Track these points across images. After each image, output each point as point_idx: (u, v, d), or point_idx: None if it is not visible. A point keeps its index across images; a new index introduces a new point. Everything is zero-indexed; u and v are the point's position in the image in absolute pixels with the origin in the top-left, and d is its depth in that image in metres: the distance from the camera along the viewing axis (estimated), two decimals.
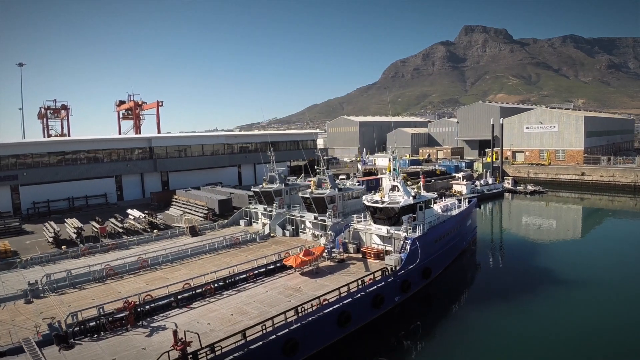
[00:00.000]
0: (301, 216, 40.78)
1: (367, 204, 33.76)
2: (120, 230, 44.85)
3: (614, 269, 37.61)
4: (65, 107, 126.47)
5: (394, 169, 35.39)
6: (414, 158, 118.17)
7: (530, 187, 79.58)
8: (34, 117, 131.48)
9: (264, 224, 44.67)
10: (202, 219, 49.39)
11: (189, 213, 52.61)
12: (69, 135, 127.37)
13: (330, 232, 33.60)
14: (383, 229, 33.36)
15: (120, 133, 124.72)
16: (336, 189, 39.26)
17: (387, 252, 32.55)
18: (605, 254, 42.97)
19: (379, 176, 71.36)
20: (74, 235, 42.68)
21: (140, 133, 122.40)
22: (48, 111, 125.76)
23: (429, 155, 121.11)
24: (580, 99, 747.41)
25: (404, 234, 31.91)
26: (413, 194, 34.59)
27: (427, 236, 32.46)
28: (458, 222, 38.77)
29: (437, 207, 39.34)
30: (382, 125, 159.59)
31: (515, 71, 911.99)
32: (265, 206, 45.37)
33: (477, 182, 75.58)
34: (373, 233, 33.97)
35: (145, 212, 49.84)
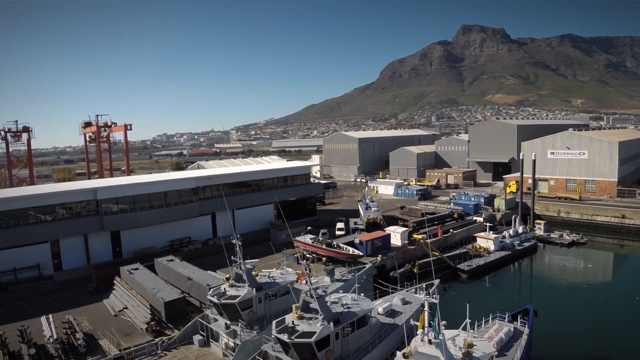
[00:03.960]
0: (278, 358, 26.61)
1: None
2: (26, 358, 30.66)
3: None
4: (27, 129, 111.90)
5: (431, 323, 21.15)
6: (422, 186, 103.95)
7: (567, 237, 65.72)
8: None
9: (226, 347, 30.63)
10: (144, 327, 35.17)
11: (131, 310, 38.42)
12: (30, 160, 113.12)
13: None
14: None
15: (87, 157, 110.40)
16: (331, 324, 25.04)
17: None
18: None
19: (387, 230, 57.31)
20: None
21: (110, 157, 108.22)
22: (8, 134, 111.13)
23: (438, 180, 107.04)
24: (579, 98, 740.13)
25: None
26: None
27: None
28: None
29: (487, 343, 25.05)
30: (383, 141, 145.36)
31: (513, 71, 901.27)
32: (228, 322, 31.23)
33: (506, 233, 61.62)
34: None
35: (65, 320, 35.65)
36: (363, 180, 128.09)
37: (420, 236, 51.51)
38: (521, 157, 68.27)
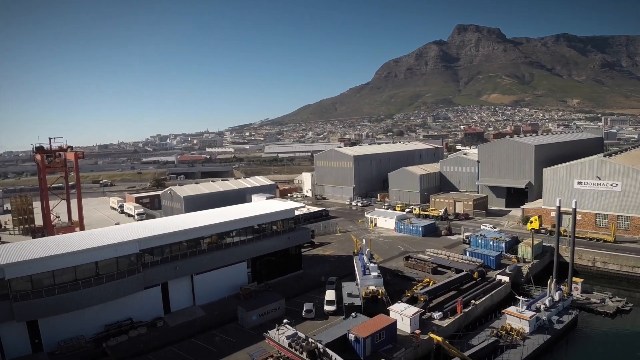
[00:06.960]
0: None
1: None
2: None
3: None
4: None
5: None
6: (428, 218, 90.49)
7: (610, 302, 52.76)
8: None
9: None
10: None
11: None
12: None
13: None
14: None
15: (40, 185, 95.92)
16: None
17: None
18: None
19: (392, 311, 43.87)
20: None
21: (67, 184, 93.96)
22: None
23: (446, 210, 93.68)
24: (575, 98, 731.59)
25: None
26: None
27: None
28: None
29: None
30: (381, 158, 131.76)
31: (508, 70, 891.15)
32: None
33: (540, 303, 48.45)
34: None
35: None
36: (359, 204, 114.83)
37: (440, 338, 38.11)
38: (557, 204, 54.91)
